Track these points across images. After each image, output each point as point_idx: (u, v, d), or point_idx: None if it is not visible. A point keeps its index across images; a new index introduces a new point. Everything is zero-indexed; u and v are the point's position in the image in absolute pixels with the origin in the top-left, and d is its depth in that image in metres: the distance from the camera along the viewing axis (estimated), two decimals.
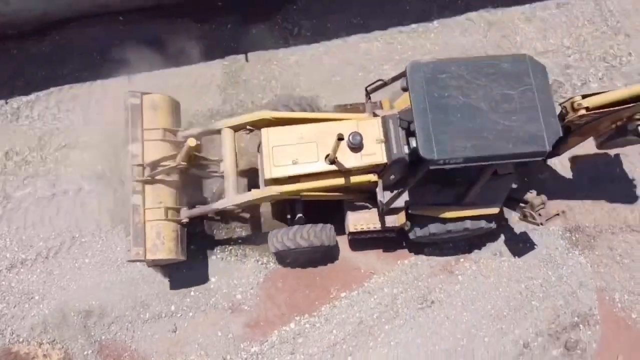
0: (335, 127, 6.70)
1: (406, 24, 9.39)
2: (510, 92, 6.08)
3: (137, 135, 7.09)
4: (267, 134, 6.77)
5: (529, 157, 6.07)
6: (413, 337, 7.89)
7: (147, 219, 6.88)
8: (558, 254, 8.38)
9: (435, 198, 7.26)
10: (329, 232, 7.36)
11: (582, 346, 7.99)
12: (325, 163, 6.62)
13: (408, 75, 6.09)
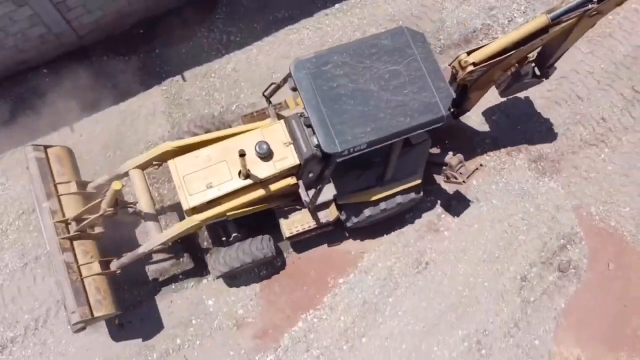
0: (241, 141, 6.55)
1: (330, 5, 9.46)
2: (396, 68, 6.15)
3: (51, 191, 6.78)
4: (175, 165, 6.50)
5: (428, 126, 6.18)
6: (418, 302, 8.02)
7: (83, 276, 6.57)
8: (530, 186, 8.67)
9: (359, 183, 7.31)
10: (269, 243, 7.34)
11: (574, 264, 8.31)
12: (240, 179, 6.48)
13: (293, 75, 6.06)
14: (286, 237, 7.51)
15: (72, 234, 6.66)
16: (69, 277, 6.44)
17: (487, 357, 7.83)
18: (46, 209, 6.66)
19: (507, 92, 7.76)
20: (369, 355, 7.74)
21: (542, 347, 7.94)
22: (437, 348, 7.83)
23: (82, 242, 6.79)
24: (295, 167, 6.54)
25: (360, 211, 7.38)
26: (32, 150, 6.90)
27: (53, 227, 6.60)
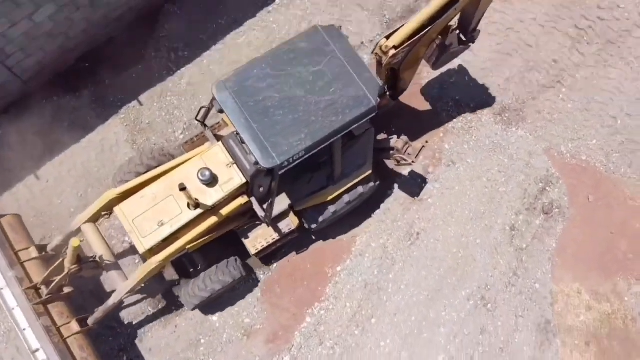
0: (184, 172, 6.39)
1: (270, 2, 9.43)
2: (318, 68, 6.10)
3: (13, 259, 6.63)
4: (121, 211, 6.30)
5: (361, 119, 6.15)
6: (418, 272, 8.13)
7: (65, 337, 6.47)
8: (500, 139, 8.87)
9: (311, 187, 7.28)
10: (236, 264, 7.24)
11: (557, 204, 8.55)
12: (191, 210, 6.32)
13: (216, 97, 5.95)
14: (254, 255, 7.40)
15: (45, 297, 6.50)
16: (52, 340, 6.25)
17: (494, 310, 7.99)
18: (12, 278, 6.47)
19: (438, 64, 7.78)
20: (382, 334, 7.81)
21: (543, 289, 8.16)
22: (445, 312, 7.95)
23: (55, 304, 6.66)
24: (243, 185, 6.39)
25: (321, 212, 7.32)
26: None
27: (23, 294, 6.42)
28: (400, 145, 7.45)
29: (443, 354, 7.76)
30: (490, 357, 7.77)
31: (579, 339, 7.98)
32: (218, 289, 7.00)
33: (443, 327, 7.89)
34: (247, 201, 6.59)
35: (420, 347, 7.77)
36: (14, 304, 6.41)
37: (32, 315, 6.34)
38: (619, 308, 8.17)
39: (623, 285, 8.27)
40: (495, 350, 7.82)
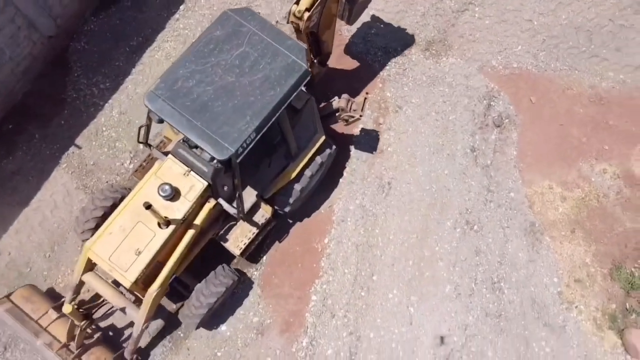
0: (143, 195, 6.28)
1: (175, 10, 9.30)
2: (241, 50, 6.12)
3: (36, 329, 6.85)
4: (94, 253, 6.18)
5: (299, 84, 6.18)
6: (401, 218, 8.28)
7: None
8: (435, 71, 9.12)
9: (274, 170, 7.31)
10: (226, 271, 7.17)
11: (505, 115, 8.88)
12: (163, 229, 6.23)
13: (151, 108, 5.87)
14: (239, 255, 7.33)
15: (77, 351, 6.77)
16: None
17: (480, 230, 8.25)
18: (42, 346, 6.72)
19: (352, 18, 7.86)
20: (386, 287, 7.92)
21: (518, 195, 8.48)
22: (438, 246, 8.14)
23: (89, 352, 6.92)
24: (206, 189, 6.30)
25: (289, 194, 7.32)
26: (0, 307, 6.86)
27: (57, 357, 6.68)
28: (344, 103, 7.54)
29: (448, 285, 7.95)
30: (492, 273, 8.03)
31: (564, 230, 8.35)
32: (214, 301, 6.91)
33: (440, 261, 8.08)
34: (215, 204, 6.52)
35: (426, 286, 7.94)
36: None
37: None
38: (590, 189, 8.60)
39: (586, 168, 8.70)
40: (495, 265, 8.08)
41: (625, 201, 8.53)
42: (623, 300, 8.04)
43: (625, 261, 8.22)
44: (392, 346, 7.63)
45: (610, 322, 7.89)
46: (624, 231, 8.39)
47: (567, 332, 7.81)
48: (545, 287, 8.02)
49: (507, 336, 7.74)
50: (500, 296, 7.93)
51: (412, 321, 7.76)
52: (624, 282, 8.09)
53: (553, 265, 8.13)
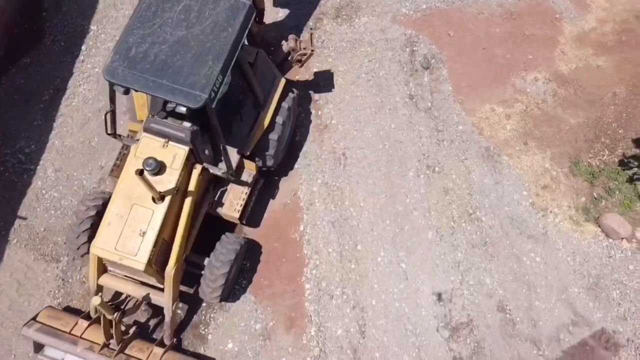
0: (129, 179, 6.24)
1: (77, 52, 8.95)
2: (182, 5, 6.12)
3: (72, 339, 6.79)
4: (100, 249, 6.18)
5: (248, 21, 6.25)
6: (365, 184, 8.33)
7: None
8: (352, 34, 9.18)
9: (247, 124, 7.33)
10: (231, 237, 7.16)
11: (430, 55, 9.05)
12: (160, 204, 6.23)
13: (113, 81, 5.80)
14: (239, 220, 7.36)
15: (119, 346, 6.75)
16: None
17: (442, 170, 8.40)
18: (84, 351, 6.70)
19: None
20: (372, 252, 7.96)
21: (466, 126, 8.68)
22: (408, 198, 8.24)
23: (130, 346, 6.91)
24: (189, 155, 6.38)
25: (267, 146, 7.41)
26: (28, 329, 6.80)
27: (101, 356, 6.69)
28: (293, 43, 7.66)
29: (429, 231, 8.08)
30: (465, 206, 8.20)
31: (517, 145, 8.62)
32: (228, 270, 6.91)
33: (415, 211, 8.18)
34: (202, 169, 6.61)
35: (409, 239, 8.03)
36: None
37: None
38: (528, 100, 8.90)
39: (519, 82, 8.99)
40: (465, 198, 8.26)
41: (562, 101, 8.87)
42: (589, 191, 8.40)
43: (580, 155, 8.57)
44: (395, 306, 7.69)
45: (585, 215, 8.23)
46: (570, 128, 8.74)
47: (550, 237, 8.09)
48: (518, 203, 8.27)
49: (498, 259, 7.94)
50: (479, 225, 8.12)
51: (407, 276, 7.85)
52: (585, 174, 8.44)
53: (518, 180, 8.39)
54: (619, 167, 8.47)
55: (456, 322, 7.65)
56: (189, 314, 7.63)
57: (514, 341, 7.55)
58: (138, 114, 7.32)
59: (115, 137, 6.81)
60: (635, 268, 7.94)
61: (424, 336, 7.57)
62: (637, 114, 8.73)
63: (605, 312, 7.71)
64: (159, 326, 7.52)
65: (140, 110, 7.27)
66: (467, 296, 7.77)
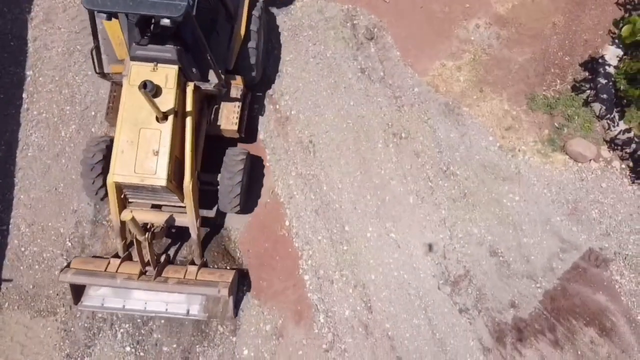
0: (130, 108, 6.63)
1: (18, 103, 8.69)
2: None
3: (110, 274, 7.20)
4: (120, 175, 6.59)
5: None
6: (338, 165, 8.42)
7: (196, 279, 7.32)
8: (290, 21, 9.14)
9: (223, 38, 7.60)
10: (234, 149, 7.64)
11: (370, 25, 9.09)
12: (165, 122, 6.61)
13: (94, 9, 5.95)
14: (237, 132, 7.72)
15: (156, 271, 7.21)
16: (187, 289, 7.16)
17: (408, 136, 8.54)
18: (124, 281, 7.10)
19: None
20: (361, 229, 8.11)
21: (421, 87, 8.81)
22: (382, 170, 8.38)
23: (167, 270, 7.41)
24: (179, 74, 6.71)
25: (246, 56, 7.75)
26: (65, 274, 7.14)
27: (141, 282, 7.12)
28: None
29: (410, 196, 8.25)
30: (438, 164, 8.39)
31: (473, 94, 8.81)
32: (240, 179, 7.43)
33: (392, 180, 8.34)
34: (194, 86, 6.93)
35: (392, 208, 8.19)
36: (144, 295, 7.32)
37: (163, 287, 7.15)
38: (475, 48, 9.06)
39: (462, 32, 9.13)
40: (437, 157, 8.44)
41: (507, 41, 9.07)
42: (551, 122, 8.67)
43: (535, 90, 8.82)
44: (394, 275, 7.89)
45: (551, 146, 8.51)
46: (520, 67, 8.96)
47: (523, 174, 8.37)
48: (486, 149, 8.50)
49: (480, 207, 8.19)
50: (456, 179, 8.33)
51: (398, 244, 8.03)
52: (543, 107, 8.71)
53: (482, 128, 8.60)
54: (573, 92, 8.75)
55: (454, 276, 7.90)
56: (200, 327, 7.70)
57: (512, 280, 7.85)
58: (118, 53, 7.43)
59: (104, 76, 7.06)
60: (608, 185, 8.30)
61: (428, 297, 7.81)
62: (578, 39, 8.99)
63: (589, 233, 8.07)
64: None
65: (118, 48, 7.39)
66: (459, 249, 8.02)
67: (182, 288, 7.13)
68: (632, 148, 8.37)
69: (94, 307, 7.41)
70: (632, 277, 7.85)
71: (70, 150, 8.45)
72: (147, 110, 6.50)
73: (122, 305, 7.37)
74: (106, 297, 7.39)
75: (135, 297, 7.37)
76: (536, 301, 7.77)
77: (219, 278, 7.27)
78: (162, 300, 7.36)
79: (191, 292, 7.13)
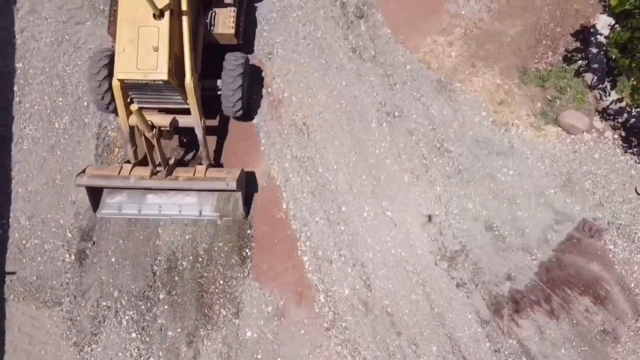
0: (128, 8, 6.94)
1: (10, 97, 8.66)
2: None
3: (123, 176, 7.63)
4: (123, 72, 6.94)
5: None
6: (333, 146, 8.46)
7: (205, 175, 7.76)
8: (279, 3, 9.07)
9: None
10: (232, 54, 7.90)
11: (360, 3, 9.02)
12: (162, 20, 6.91)
13: None
14: (234, 37, 8.00)
15: (166, 170, 7.64)
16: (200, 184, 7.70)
17: (402, 112, 8.56)
18: (137, 181, 7.54)
19: None
20: (357, 208, 8.20)
21: (413, 64, 8.79)
22: (376, 148, 8.42)
23: (176, 170, 7.78)
24: None
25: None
26: (81, 178, 7.54)
27: (153, 181, 7.56)
28: None
29: (405, 174, 8.32)
30: (432, 141, 8.43)
31: (466, 69, 8.79)
32: (240, 83, 7.75)
33: (386, 159, 8.39)
34: None
35: (388, 187, 8.27)
36: (158, 199, 7.80)
37: (174, 184, 7.58)
38: (466, 22, 9.00)
39: (452, 7, 9.06)
40: (430, 134, 8.47)
41: (498, 14, 9.01)
42: (543, 95, 8.68)
43: (527, 63, 8.80)
44: (392, 253, 8.01)
45: (544, 119, 8.55)
46: (511, 40, 8.92)
47: (517, 148, 8.42)
48: (480, 124, 8.53)
49: (474, 183, 8.26)
50: (450, 156, 8.38)
51: (395, 222, 8.13)
52: (535, 80, 8.70)
53: (474, 102, 8.61)
54: (565, 64, 8.74)
55: (451, 251, 8.02)
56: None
57: (507, 254, 7.98)
58: None
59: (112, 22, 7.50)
60: (600, 155, 8.36)
61: (425, 272, 7.94)
62: (569, 9, 8.93)
63: (582, 204, 8.17)
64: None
65: None
66: (455, 225, 8.13)
67: (192, 184, 7.52)
68: (624, 117, 8.41)
69: (111, 214, 7.91)
70: (625, 246, 7.98)
71: (65, 142, 8.47)
72: (145, 9, 6.80)
73: (138, 211, 7.83)
74: (122, 203, 7.82)
75: (149, 202, 7.81)
76: (531, 273, 7.91)
77: (226, 174, 7.61)
78: (176, 202, 7.79)
79: (201, 187, 7.57)
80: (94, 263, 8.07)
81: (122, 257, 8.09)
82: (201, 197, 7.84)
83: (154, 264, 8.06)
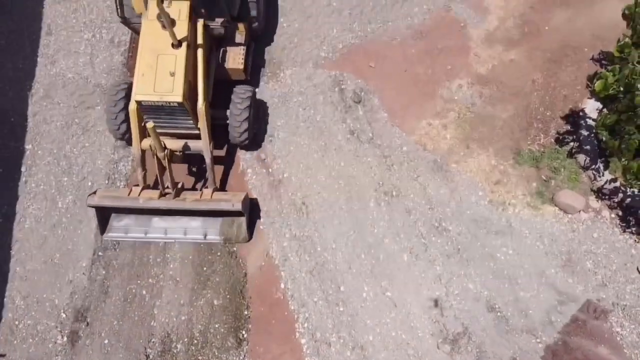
0: (150, 36, 7.66)
1: (17, 176, 8.89)
2: None
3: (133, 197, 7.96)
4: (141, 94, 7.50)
5: None
6: (331, 226, 8.52)
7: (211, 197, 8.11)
8: (280, 88, 9.55)
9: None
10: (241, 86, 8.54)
11: (358, 89, 9.47)
12: (181, 49, 7.61)
13: None
14: (243, 72, 8.69)
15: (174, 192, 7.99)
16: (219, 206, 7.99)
17: (399, 192, 8.70)
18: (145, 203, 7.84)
19: None
20: (356, 289, 8.10)
21: (409, 146, 9.06)
22: (375, 229, 8.47)
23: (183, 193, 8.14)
24: (190, 8, 7.77)
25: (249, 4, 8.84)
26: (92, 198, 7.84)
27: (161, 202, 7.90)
28: None
29: (404, 253, 8.30)
30: (430, 221, 8.49)
31: (460, 150, 9.04)
32: (248, 115, 8.35)
33: (385, 239, 8.41)
34: (202, 22, 7.97)
35: (387, 267, 8.22)
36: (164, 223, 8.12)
37: (182, 205, 7.89)
38: (459, 107, 9.38)
39: (446, 92, 9.49)
40: (428, 213, 8.55)
41: (490, 99, 9.42)
42: (538, 175, 8.85)
43: (520, 144, 9.06)
44: (392, 335, 7.80)
45: (540, 198, 8.65)
46: (504, 123, 9.25)
47: (515, 227, 8.45)
48: (477, 204, 8.62)
49: (474, 262, 8.21)
50: (448, 235, 8.40)
51: (395, 303, 7.99)
52: (529, 161, 8.91)
53: (471, 182, 8.77)
54: (557, 145, 8.99)
55: (453, 333, 7.80)
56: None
57: (511, 336, 7.75)
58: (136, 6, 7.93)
59: (126, 22, 8.21)
60: (599, 235, 8.36)
61: (427, 356, 7.68)
62: (557, 94, 9.33)
63: (585, 284, 8.05)
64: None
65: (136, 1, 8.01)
66: (456, 305, 7.97)
67: (199, 204, 7.85)
68: (620, 197, 8.50)
69: (118, 237, 8.16)
70: (632, 329, 7.75)
71: (67, 221, 8.57)
72: (164, 39, 7.52)
73: (144, 234, 8.15)
74: (129, 227, 8.13)
75: (155, 225, 8.14)
76: (538, 357, 7.63)
77: (232, 197, 7.96)
78: (181, 226, 8.12)
79: (208, 207, 7.88)
80: (86, 345, 7.87)
81: (115, 339, 7.89)
82: (206, 221, 8.20)
83: (148, 347, 7.84)
